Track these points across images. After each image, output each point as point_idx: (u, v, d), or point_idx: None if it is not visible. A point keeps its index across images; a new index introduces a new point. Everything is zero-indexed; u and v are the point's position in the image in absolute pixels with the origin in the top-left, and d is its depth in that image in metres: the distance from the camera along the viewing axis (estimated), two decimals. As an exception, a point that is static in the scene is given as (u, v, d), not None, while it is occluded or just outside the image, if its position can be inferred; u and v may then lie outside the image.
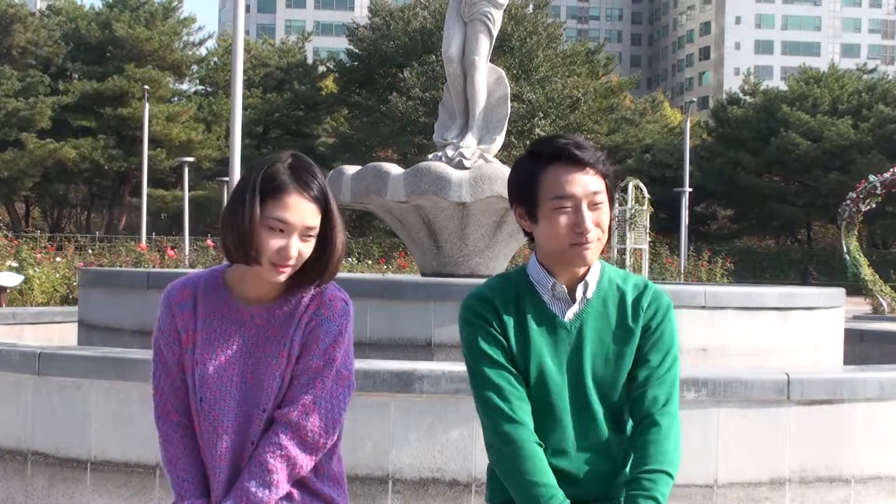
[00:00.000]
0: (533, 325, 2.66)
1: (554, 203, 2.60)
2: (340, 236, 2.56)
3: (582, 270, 2.69)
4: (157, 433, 2.63)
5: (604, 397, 2.67)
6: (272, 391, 2.55)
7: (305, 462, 2.55)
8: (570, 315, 2.68)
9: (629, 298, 2.70)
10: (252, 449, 2.55)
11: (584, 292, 2.69)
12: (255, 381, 2.56)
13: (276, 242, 2.46)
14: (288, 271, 2.50)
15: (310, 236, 2.49)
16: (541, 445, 2.58)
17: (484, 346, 2.63)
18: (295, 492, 2.59)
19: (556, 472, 2.62)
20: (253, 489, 2.50)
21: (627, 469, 2.68)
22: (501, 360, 2.63)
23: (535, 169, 2.64)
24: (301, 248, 2.48)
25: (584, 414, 2.66)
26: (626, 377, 2.68)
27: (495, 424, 2.60)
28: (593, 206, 2.61)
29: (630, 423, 2.70)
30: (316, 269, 2.54)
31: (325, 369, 2.54)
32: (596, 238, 2.62)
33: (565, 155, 2.61)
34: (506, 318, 2.65)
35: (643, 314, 2.69)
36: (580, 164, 2.61)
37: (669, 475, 2.56)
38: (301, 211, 2.47)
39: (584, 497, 2.63)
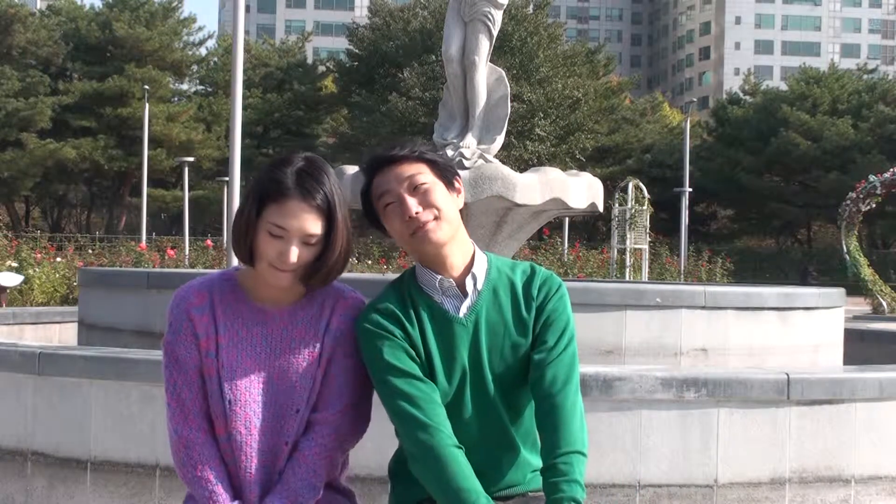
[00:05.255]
0: (430, 328, 2.66)
1: (380, 204, 2.66)
2: (342, 242, 2.54)
3: (464, 262, 2.69)
4: (175, 438, 2.56)
5: (502, 388, 2.68)
6: (305, 391, 2.57)
7: (339, 461, 2.63)
8: (464, 310, 2.67)
9: (519, 286, 2.71)
10: (287, 449, 2.56)
11: (475, 284, 2.69)
12: (284, 381, 2.57)
13: (275, 247, 2.47)
14: (288, 275, 2.50)
15: (311, 243, 2.49)
16: (460, 448, 2.57)
17: (390, 358, 2.61)
18: (325, 489, 2.63)
19: None
20: (302, 491, 2.53)
21: (527, 455, 2.71)
22: (410, 369, 2.61)
23: (364, 186, 2.71)
24: (302, 253, 2.48)
25: (485, 407, 2.68)
26: (526, 361, 2.68)
27: (411, 434, 2.58)
28: (414, 189, 2.62)
29: (531, 408, 2.71)
30: (315, 271, 2.54)
31: (359, 370, 2.61)
32: (431, 217, 2.61)
33: (378, 161, 2.68)
34: (409, 326, 2.64)
35: (535, 300, 2.70)
36: (391, 162, 2.66)
37: (582, 454, 2.57)
38: (301, 218, 2.46)
39: (491, 489, 2.65)
